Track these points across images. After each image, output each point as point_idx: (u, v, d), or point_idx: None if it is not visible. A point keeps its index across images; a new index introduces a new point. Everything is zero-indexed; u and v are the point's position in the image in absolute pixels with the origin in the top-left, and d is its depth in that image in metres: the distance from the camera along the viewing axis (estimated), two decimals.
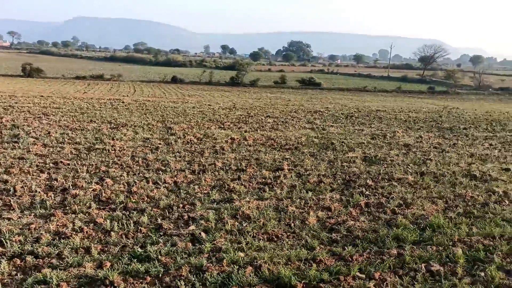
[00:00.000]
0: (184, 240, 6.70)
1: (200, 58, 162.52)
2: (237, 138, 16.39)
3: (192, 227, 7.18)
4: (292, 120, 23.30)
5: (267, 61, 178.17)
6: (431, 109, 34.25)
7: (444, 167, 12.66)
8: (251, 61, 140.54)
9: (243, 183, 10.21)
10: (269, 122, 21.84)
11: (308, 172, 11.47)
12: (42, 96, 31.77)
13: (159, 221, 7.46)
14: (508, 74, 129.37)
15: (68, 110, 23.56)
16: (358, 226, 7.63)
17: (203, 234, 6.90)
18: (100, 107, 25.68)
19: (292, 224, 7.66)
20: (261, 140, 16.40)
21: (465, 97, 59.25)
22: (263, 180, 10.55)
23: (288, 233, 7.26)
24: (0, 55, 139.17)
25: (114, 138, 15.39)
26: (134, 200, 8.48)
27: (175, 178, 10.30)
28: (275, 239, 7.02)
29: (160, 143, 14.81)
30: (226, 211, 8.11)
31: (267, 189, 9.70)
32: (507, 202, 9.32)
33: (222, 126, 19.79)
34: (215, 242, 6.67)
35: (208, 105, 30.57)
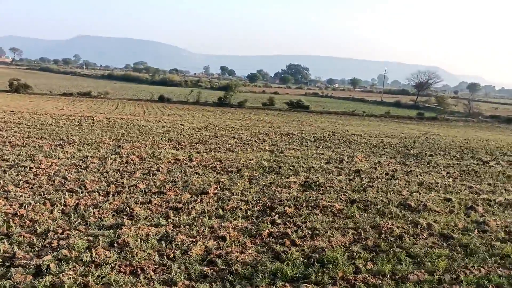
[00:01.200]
0: (25, 273, 5.99)
1: (197, 78, 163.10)
2: (182, 159, 15.76)
3: (48, 257, 6.47)
4: (257, 142, 22.69)
5: (264, 83, 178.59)
6: (410, 135, 33.65)
7: (383, 195, 11.98)
8: (245, 82, 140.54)
9: (151, 207, 9.54)
10: (230, 144, 21.23)
11: (230, 197, 10.79)
12: (13, 111, 31.24)
13: (16, 249, 6.76)
14: (503, 102, 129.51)
15: (28, 126, 22.99)
16: (242, 259, 6.93)
17: (52, 266, 6.18)
18: (64, 124, 25.12)
19: (172, 254, 6.97)
20: (207, 161, 15.77)
21: (453, 124, 58.76)
22: (176, 204, 9.86)
23: (157, 265, 6.56)
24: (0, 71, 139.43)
25: (50, 156, 14.75)
26: (11, 225, 7.78)
27: (80, 200, 9.63)
28: (138, 272, 6.31)
29: (95, 162, 14.16)
30: (104, 238, 7.43)
31: (172, 215, 9.02)
32: (425, 235, 8.63)
33: (177, 146, 19.17)
34: (61, 275, 5.95)
35: (181, 124, 30.02)
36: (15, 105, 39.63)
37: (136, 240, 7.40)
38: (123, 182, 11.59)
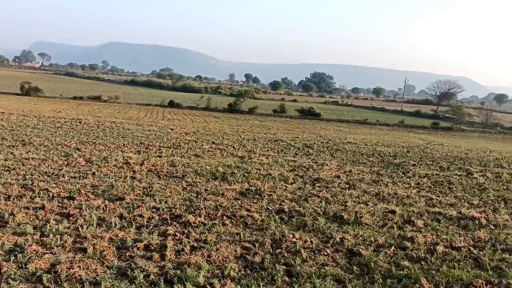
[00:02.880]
0: None
1: (217, 85, 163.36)
2: (133, 163, 14.94)
3: None
4: (234, 147, 21.73)
5: (286, 91, 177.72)
6: (411, 144, 32.16)
7: (322, 206, 10.88)
8: (266, 90, 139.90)
9: (40, 213, 8.66)
10: (203, 149, 20.35)
11: (142, 204, 9.86)
12: (3, 113, 31.11)
13: None
14: None
15: (2, 126, 22.63)
16: (79, 275, 5.98)
17: None
18: (44, 126, 24.70)
19: (5, 268, 6.10)
20: (159, 166, 14.89)
21: (468, 135, 56.61)
22: (71, 211, 8.96)
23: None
24: (25, 75, 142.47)
25: None
26: None
27: None
28: None
29: (30, 164, 13.45)
30: None
31: (53, 222, 8.14)
32: (329, 251, 7.52)
33: (142, 150, 18.38)
34: None
35: (170, 129, 29.39)
36: (14, 106, 39.72)
37: None
38: (36, 185, 10.81)
